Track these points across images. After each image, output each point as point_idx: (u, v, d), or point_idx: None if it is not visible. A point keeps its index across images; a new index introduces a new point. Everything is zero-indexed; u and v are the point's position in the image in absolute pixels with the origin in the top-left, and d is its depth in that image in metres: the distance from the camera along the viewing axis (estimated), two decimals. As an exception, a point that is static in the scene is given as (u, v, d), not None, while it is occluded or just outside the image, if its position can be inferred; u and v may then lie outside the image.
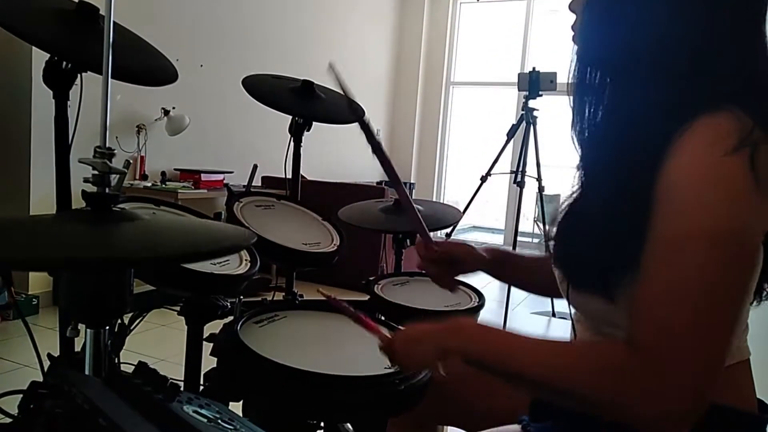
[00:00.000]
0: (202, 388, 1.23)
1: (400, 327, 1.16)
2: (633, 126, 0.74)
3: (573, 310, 0.89)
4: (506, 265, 1.14)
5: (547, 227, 0.95)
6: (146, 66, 1.28)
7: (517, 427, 0.93)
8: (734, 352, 0.78)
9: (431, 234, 1.15)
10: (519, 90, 3.86)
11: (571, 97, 0.84)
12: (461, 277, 1.18)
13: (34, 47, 1.11)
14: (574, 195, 0.86)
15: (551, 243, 0.88)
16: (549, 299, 3.41)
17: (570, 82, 0.83)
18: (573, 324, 0.92)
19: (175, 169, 3.96)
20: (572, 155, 0.87)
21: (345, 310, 0.97)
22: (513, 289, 3.69)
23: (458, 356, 0.78)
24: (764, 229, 0.69)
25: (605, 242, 0.74)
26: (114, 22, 0.86)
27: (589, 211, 0.79)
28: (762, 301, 0.82)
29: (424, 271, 1.17)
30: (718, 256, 0.65)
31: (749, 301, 0.69)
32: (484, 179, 3.98)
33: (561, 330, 3.31)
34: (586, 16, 0.81)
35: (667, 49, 0.73)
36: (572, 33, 0.84)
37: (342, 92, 1.06)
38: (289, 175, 1.81)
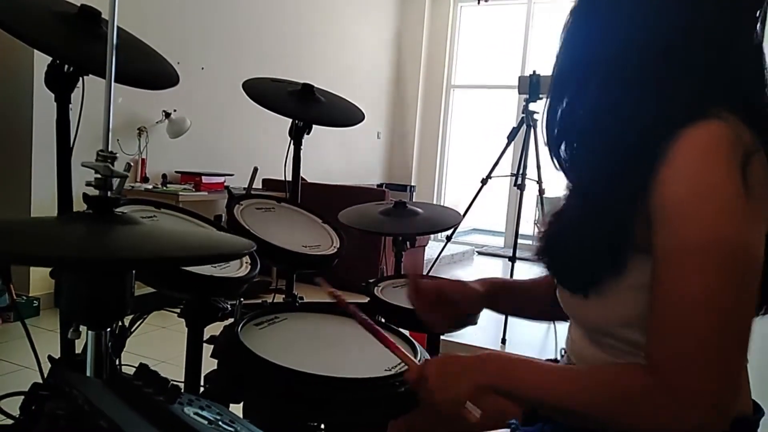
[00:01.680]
0: (202, 389, 1.23)
1: (403, 331, 1.17)
2: (622, 135, 0.73)
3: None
4: (500, 296, 1.07)
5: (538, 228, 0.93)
6: (148, 69, 1.29)
7: (506, 431, 0.93)
8: None
9: (425, 238, 1.13)
10: (519, 93, 3.86)
11: (549, 101, 0.83)
12: (460, 277, 1.15)
13: (36, 51, 1.12)
14: (562, 201, 0.86)
15: (540, 242, 0.88)
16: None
17: (553, 85, 0.83)
18: (569, 328, 0.92)
19: (176, 172, 3.97)
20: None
21: (357, 317, 0.92)
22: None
23: (490, 391, 0.77)
24: (761, 238, 0.68)
25: (589, 239, 0.74)
26: (117, 26, 0.87)
27: (576, 210, 0.80)
28: (766, 314, 0.82)
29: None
30: (717, 271, 0.64)
31: (754, 311, 0.68)
32: (484, 182, 3.98)
33: (561, 335, 3.30)
34: (575, 18, 0.81)
35: (656, 56, 0.73)
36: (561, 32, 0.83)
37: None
38: (290, 178, 1.81)
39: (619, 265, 0.72)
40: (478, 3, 6.60)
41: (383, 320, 1.32)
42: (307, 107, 1.69)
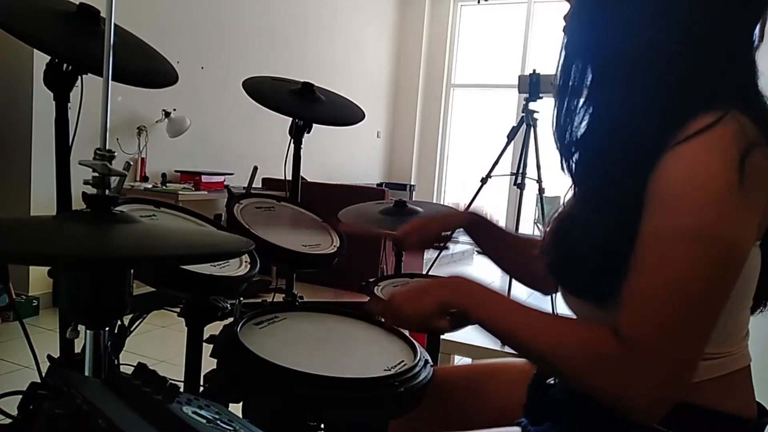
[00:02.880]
0: (201, 389, 1.23)
1: (403, 331, 1.17)
2: (626, 129, 0.73)
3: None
4: (481, 230, 1.16)
5: (542, 229, 0.96)
6: (147, 68, 1.29)
7: (516, 429, 0.93)
8: (737, 359, 0.78)
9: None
10: (519, 92, 3.86)
11: (557, 100, 0.83)
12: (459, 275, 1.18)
13: (35, 49, 1.11)
14: (566, 203, 0.86)
15: (544, 250, 0.88)
16: (549, 300, 3.40)
17: (558, 83, 0.83)
18: None
19: (176, 171, 3.96)
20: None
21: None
22: (514, 291, 3.69)
23: (458, 310, 0.80)
24: (753, 234, 0.69)
25: (597, 248, 0.74)
26: (115, 25, 0.86)
27: (581, 218, 0.79)
28: (764, 311, 0.82)
29: (424, 273, 1.18)
30: (701, 256, 0.66)
31: (726, 305, 0.69)
32: (484, 181, 3.97)
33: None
34: (578, 12, 0.81)
35: (660, 49, 0.73)
36: (564, 23, 0.83)
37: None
38: (289, 177, 1.81)
39: (625, 265, 0.72)
40: (478, 2, 6.60)
41: (383, 320, 1.32)
42: (307, 106, 1.68)
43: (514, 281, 1.20)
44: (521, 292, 1.20)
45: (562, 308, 0.88)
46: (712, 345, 0.74)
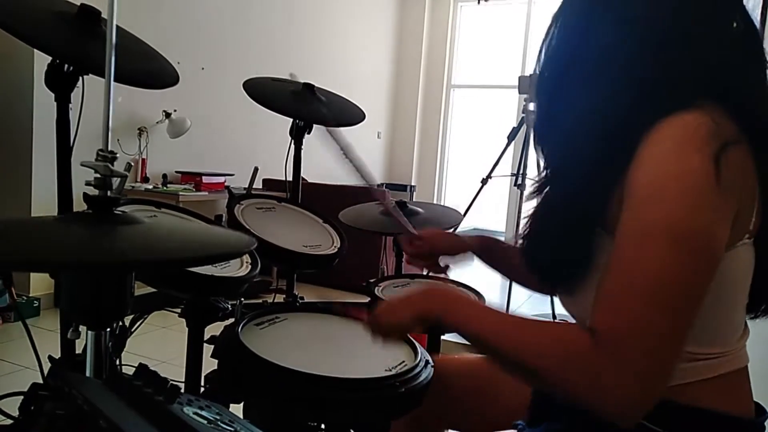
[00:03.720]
0: (202, 390, 1.23)
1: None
2: (602, 125, 0.74)
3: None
4: (492, 253, 1.17)
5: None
6: (148, 69, 1.29)
7: None
8: (732, 359, 0.78)
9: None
10: (519, 93, 3.86)
11: (538, 101, 0.85)
12: (461, 276, 1.19)
13: (36, 50, 1.12)
14: (539, 195, 0.87)
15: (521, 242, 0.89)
16: (549, 301, 3.40)
17: (535, 80, 0.85)
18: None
19: (177, 172, 3.97)
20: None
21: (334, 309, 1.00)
22: (514, 291, 3.69)
23: (432, 320, 0.80)
24: (725, 229, 0.69)
25: (567, 238, 0.76)
26: (116, 26, 0.86)
27: (548, 207, 0.81)
28: (758, 317, 0.82)
29: (425, 272, 1.19)
30: (673, 253, 0.65)
31: (703, 301, 0.68)
32: (484, 182, 3.98)
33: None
34: (557, 20, 0.82)
35: (636, 45, 0.74)
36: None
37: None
38: (290, 178, 1.81)
39: (590, 253, 0.73)
40: (478, 2, 6.59)
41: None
42: (307, 107, 1.68)
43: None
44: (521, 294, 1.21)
45: (561, 309, 0.88)
46: (704, 345, 0.74)
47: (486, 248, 1.17)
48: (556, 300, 0.94)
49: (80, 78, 1.16)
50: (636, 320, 0.66)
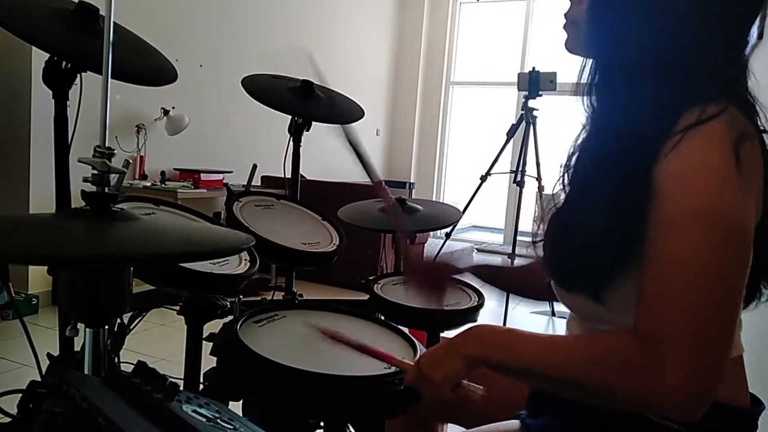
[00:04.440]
0: (201, 387, 1.23)
1: (400, 327, 1.17)
2: (632, 122, 0.74)
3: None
4: (497, 279, 1.18)
5: (536, 227, 0.95)
6: (146, 66, 1.28)
7: (515, 422, 0.93)
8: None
9: (424, 235, 1.17)
10: (519, 90, 3.86)
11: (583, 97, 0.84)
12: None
13: (34, 47, 1.11)
14: (561, 197, 0.86)
15: (540, 246, 0.88)
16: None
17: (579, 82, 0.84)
18: (567, 322, 0.92)
19: (175, 169, 3.96)
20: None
21: (349, 343, 0.94)
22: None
23: (480, 361, 0.78)
24: (752, 214, 0.69)
25: (597, 243, 0.74)
26: (114, 22, 0.86)
27: (580, 212, 0.79)
28: (758, 304, 0.82)
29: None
30: (706, 238, 0.65)
31: (744, 285, 0.68)
32: (483, 179, 3.98)
33: (561, 329, 3.32)
34: (589, 9, 0.81)
35: (667, 46, 0.74)
36: (564, 21, 0.85)
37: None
38: (289, 175, 1.81)
39: (625, 262, 0.72)
40: (477, 0, 6.59)
41: (382, 317, 1.32)
42: (306, 104, 1.68)
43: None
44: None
45: (560, 306, 0.88)
46: None
47: (485, 275, 1.16)
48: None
49: (78, 75, 1.15)
50: (680, 315, 0.65)
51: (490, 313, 3.46)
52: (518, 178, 3.72)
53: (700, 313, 0.65)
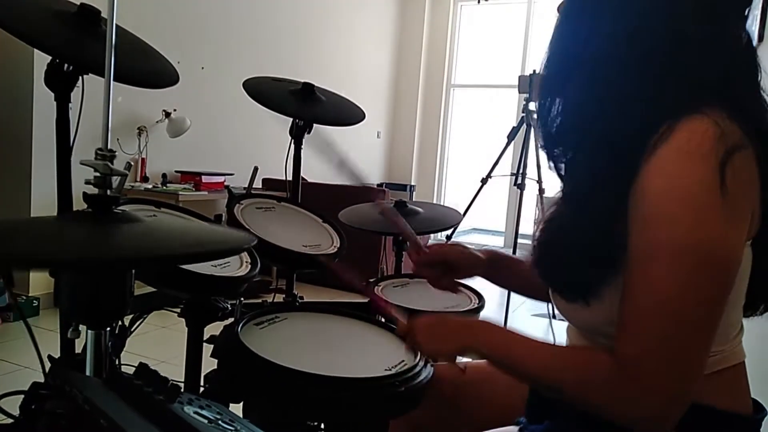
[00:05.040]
0: (202, 389, 1.23)
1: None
2: (608, 133, 0.73)
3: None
4: (501, 268, 1.13)
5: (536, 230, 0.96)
6: (147, 68, 1.29)
7: (514, 428, 0.93)
8: (728, 356, 0.78)
9: (424, 238, 1.16)
10: (519, 92, 3.86)
11: (540, 101, 0.84)
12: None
13: (35, 50, 1.12)
14: (557, 202, 0.86)
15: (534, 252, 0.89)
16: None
17: (542, 84, 0.84)
18: (567, 329, 0.93)
19: (176, 171, 3.96)
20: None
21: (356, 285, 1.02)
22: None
23: (474, 352, 0.83)
24: (739, 239, 0.69)
25: (576, 247, 0.75)
26: (116, 25, 0.87)
27: (564, 217, 0.80)
28: (756, 315, 0.82)
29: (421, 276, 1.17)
30: (683, 270, 0.65)
31: (723, 311, 0.69)
32: (484, 181, 3.98)
33: (560, 331, 3.32)
34: (563, 17, 0.82)
35: (639, 54, 0.73)
36: (557, 14, 0.83)
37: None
38: (290, 177, 1.81)
39: (613, 268, 0.73)
40: (478, 2, 6.59)
41: (383, 320, 1.32)
42: (307, 106, 1.68)
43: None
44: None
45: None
46: None
47: (495, 260, 1.13)
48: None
49: (80, 77, 1.16)
50: (654, 348, 0.67)
51: (490, 315, 3.47)
52: (519, 181, 3.72)
53: (676, 342, 0.66)
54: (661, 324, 0.66)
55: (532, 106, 3.76)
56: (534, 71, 3.74)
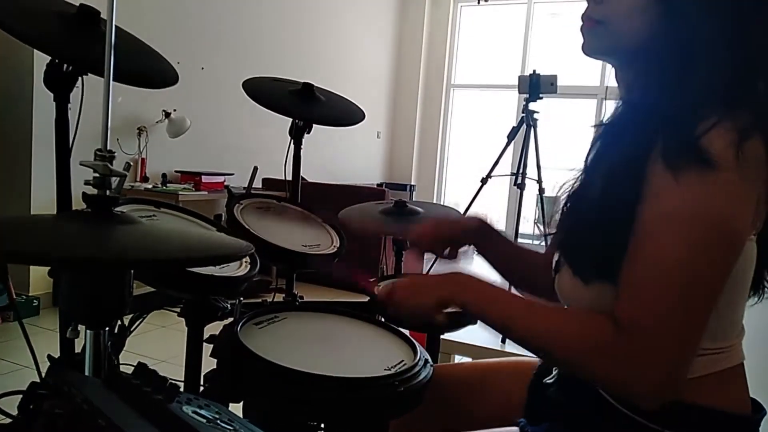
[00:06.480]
0: (201, 389, 1.23)
1: (402, 330, 1.17)
2: (641, 121, 0.74)
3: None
4: (487, 238, 1.11)
5: (546, 228, 0.96)
6: (147, 69, 1.29)
7: (515, 429, 0.93)
8: (729, 356, 0.78)
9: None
10: (519, 92, 3.86)
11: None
12: (458, 271, 1.16)
13: (35, 50, 1.11)
14: (575, 185, 0.86)
15: (552, 232, 0.89)
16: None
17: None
18: None
19: (176, 171, 3.97)
20: (572, 157, 0.86)
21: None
22: (512, 289, 3.68)
23: (457, 305, 0.81)
24: (748, 220, 0.69)
25: (603, 227, 0.75)
26: (115, 26, 0.87)
27: (588, 198, 0.80)
28: (761, 299, 0.82)
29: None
30: (691, 238, 0.66)
31: (724, 284, 0.69)
32: (484, 181, 3.98)
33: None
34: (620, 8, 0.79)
35: (685, 50, 0.73)
36: (581, 23, 0.81)
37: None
38: (290, 177, 1.81)
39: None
40: (478, 3, 6.59)
41: (383, 319, 1.32)
42: (307, 107, 1.68)
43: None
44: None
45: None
46: (707, 340, 0.74)
47: (481, 231, 1.11)
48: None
49: (79, 78, 1.16)
50: (658, 310, 0.67)
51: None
52: (519, 181, 3.72)
53: (678, 313, 0.67)
54: (665, 289, 0.67)
55: (532, 106, 3.76)
56: (534, 71, 3.74)
